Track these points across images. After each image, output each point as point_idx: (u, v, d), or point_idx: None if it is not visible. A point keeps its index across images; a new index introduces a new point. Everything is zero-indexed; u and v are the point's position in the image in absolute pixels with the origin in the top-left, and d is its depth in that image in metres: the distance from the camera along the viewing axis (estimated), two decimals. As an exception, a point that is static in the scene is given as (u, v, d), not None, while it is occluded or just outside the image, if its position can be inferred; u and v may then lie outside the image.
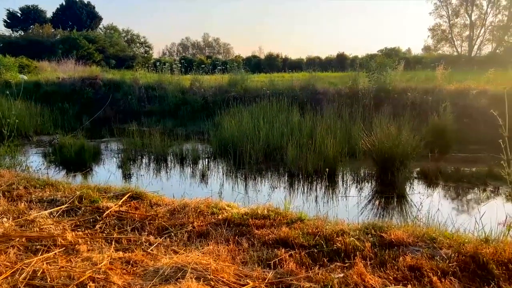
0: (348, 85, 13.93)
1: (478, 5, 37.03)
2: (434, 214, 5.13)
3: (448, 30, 38.17)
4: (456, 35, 38.19)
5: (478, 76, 13.72)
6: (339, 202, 6.79)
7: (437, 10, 38.50)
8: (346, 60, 33.00)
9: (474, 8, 36.95)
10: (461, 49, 37.83)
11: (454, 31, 38.13)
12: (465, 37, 37.70)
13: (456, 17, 37.84)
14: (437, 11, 38.57)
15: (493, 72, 12.96)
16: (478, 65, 22.65)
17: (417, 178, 8.00)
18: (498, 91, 11.65)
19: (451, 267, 2.61)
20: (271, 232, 3.21)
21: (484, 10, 36.81)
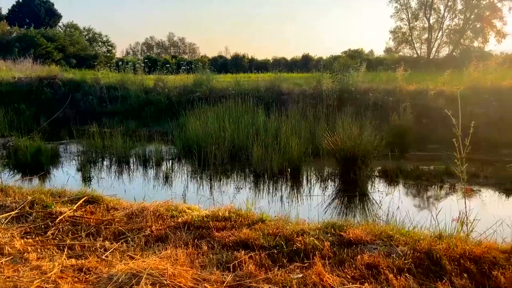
0: (313, 86, 14.10)
1: (436, 9, 38.48)
2: (394, 212, 5.28)
3: (408, 32, 39.43)
4: (415, 38, 39.51)
5: (436, 77, 14.23)
6: (303, 201, 6.84)
7: (397, 13, 39.70)
8: (311, 61, 33.43)
9: (432, 12, 38.37)
10: (420, 51, 39.18)
11: (414, 33, 39.44)
12: (424, 40, 39.08)
13: (415, 20, 39.15)
14: (397, 14, 39.78)
15: (449, 73, 13.48)
16: (436, 67, 23.54)
17: (378, 177, 8.19)
18: (454, 92, 12.14)
19: (406, 264, 2.67)
20: (231, 234, 3.18)
21: (442, 14, 38.32)
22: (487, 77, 12.95)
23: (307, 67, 27.01)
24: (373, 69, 20.31)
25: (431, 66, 26.05)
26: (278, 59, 37.52)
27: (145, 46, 70.87)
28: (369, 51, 41.15)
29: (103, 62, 29.35)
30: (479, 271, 2.54)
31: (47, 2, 47.42)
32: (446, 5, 37.72)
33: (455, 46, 37.79)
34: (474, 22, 37.39)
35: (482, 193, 6.99)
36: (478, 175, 7.65)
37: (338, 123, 9.07)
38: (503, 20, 36.96)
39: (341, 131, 8.31)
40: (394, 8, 39.82)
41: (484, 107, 11.34)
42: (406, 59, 29.08)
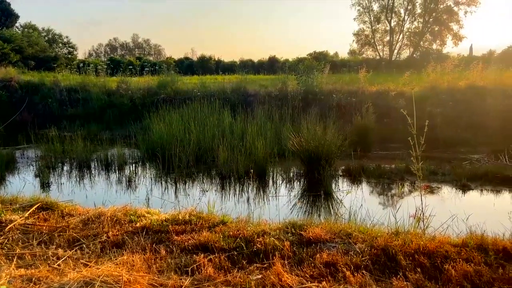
0: (278, 88, 14.21)
1: (396, 12, 39.81)
2: (356, 210, 5.36)
3: (371, 35, 40.56)
4: (378, 40, 40.71)
5: (397, 78, 14.68)
6: (269, 202, 6.86)
7: (360, 16, 40.78)
8: (278, 63, 33.69)
9: (393, 15, 39.66)
10: (383, 53, 40.40)
11: (376, 36, 40.62)
12: (386, 42, 40.32)
13: (377, 23, 40.33)
14: (360, 17, 40.85)
15: (409, 75, 13.94)
16: (397, 68, 24.28)
17: (342, 176, 8.34)
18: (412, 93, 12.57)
19: (364, 260, 2.71)
20: (191, 238, 3.12)
21: (402, 17, 39.67)
22: (444, 78, 13.48)
23: (273, 69, 27.21)
24: (337, 71, 20.70)
25: (392, 67, 26.86)
26: (245, 61, 37.59)
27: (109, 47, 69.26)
28: (334, 53, 41.96)
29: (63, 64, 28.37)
30: (432, 265, 2.61)
31: (3, 2, 45.33)
32: (406, 9, 39.09)
33: (415, 48, 39.19)
34: (432, 25, 38.94)
35: (439, 189, 7.25)
36: (437, 172, 7.92)
37: (303, 124, 9.16)
38: (459, 24, 38.71)
39: (305, 131, 8.40)
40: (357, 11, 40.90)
41: (441, 107, 11.80)
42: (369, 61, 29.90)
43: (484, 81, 13.02)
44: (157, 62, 30.02)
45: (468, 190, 7.17)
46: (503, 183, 7.25)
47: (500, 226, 3.94)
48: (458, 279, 2.43)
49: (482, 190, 7.16)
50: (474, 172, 7.76)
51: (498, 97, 11.72)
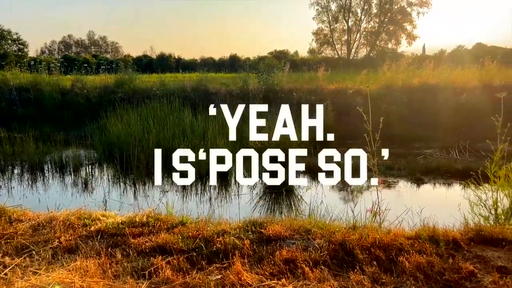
0: (239, 86, 14.19)
1: (353, 12, 40.93)
2: (317, 206, 5.45)
3: (330, 34, 41.45)
4: (336, 39, 41.68)
5: (355, 77, 15.08)
6: (232, 201, 6.84)
7: (319, 15, 41.58)
8: (239, 61, 33.70)
9: (351, 15, 40.75)
10: (341, 52, 41.41)
11: (335, 35, 41.57)
12: (344, 41, 41.36)
13: (335, 23, 41.29)
14: (319, 16, 41.66)
15: (366, 73, 14.36)
16: (355, 67, 24.94)
17: (304, 173, 8.44)
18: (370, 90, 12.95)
19: (322, 256, 2.75)
20: (149, 240, 3.04)
21: (359, 17, 40.83)
22: (399, 76, 13.99)
23: (235, 67, 27.17)
24: (297, 70, 20.96)
25: (350, 66, 27.56)
26: (206, 59, 37.30)
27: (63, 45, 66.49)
28: (294, 52, 42.53)
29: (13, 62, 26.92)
30: (387, 258, 2.69)
31: None
32: (363, 9, 40.25)
33: (371, 47, 40.44)
34: (388, 25, 40.34)
35: (395, 183, 7.51)
36: (392, 167, 8.19)
37: (264, 122, 9.20)
38: (412, 24, 40.36)
39: (266, 129, 8.44)
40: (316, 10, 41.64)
41: (396, 104, 12.23)
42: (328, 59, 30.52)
43: (436, 79, 13.62)
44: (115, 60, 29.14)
45: (422, 183, 7.47)
46: (454, 176, 7.62)
47: (451, 218, 4.13)
48: (411, 270, 2.51)
49: (435, 183, 7.48)
50: (427, 166, 8.11)
51: (448, 95, 12.30)
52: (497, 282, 2.34)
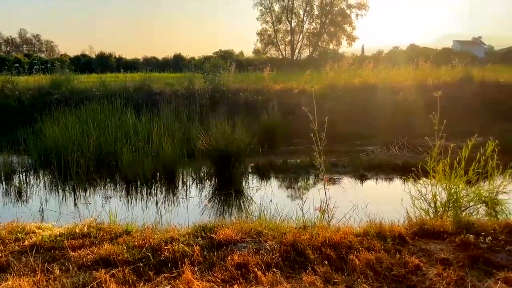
0: (185, 86, 13.93)
1: (296, 13, 41.80)
2: (267, 206, 5.43)
3: (274, 35, 42.04)
4: (280, 40, 42.35)
5: (299, 77, 15.36)
6: (180, 205, 6.66)
7: (263, 16, 42.02)
8: (183, 61, 33.12)
9: (293, 16, 41.59)
10: (285, 52, 42.13)
11: (279, 36, 42.23)
12: (288, 42, 42.12)
13: (279, 23, 41.95)
14: (263, 17, 42.10)
15: (309, 73, 14.70)
16: (299, 67, 25.49)
17: (252, 173, 8.44)
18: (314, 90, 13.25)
19: (274, 258, 2.72)
20: (90, 252, 2.84)
21: (301, 18, 41.79)
22: (341, 76, 14.45)
23: (179, 67, 26.65)
24: (243, 70, 21.00)
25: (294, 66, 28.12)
26: (149, 59, 36.30)
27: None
28: (240, 52, 42.65)
29: None
30: (338, 257, 2.72)
31: None
32: (305, 10, 41.25)
33: (314, 48, 41.56)
34: (329, 26, 41.66)
35: (341, 180, 7.72)
36: (337, 165, 8.43)
37: (211, 123, 9.08)
38: (352, 26, 42.01)
39: (214, 130, 8.34)
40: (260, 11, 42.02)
41: (339, 103, 12.62)
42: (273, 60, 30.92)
43: (375, 79, 14.24)
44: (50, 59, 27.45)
45: (365, 179, 7.75)
46: (395, 172, 7.98)
47: (395, 213, 4.29)
48: (361, 268, 2.55)
49: (377, 179, 7.80)
50: (370, 162, 8.43)
51: (387, 93, 12.90)
52: (441, 274, 2.44)
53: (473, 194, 4.11)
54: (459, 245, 2.80)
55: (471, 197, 4.10)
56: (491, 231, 2.94)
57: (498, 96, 12.95)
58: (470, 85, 13.39)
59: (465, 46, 49.92)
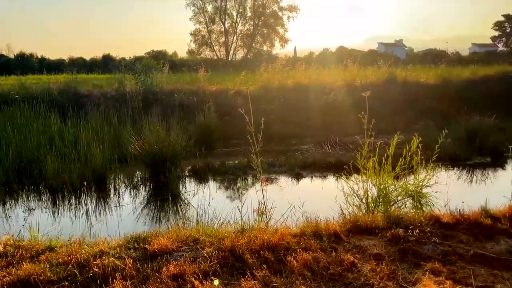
0: (115, 88, 13.31)
1: (229, 14, 41.88)
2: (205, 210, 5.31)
3: (207, 35, 41.75)
4: (214, 41, 42.18)
5: (234, 78, 15.37)
6: (113, 213, 6.31)
7: (196, 16, 41.55)
8: (113, 61, 31.71)
9: (227, 17, 41.63)
10: (219, 53, 42.03)
11: (213, 36, 42.03)
12: (222, 43, 42.08)
13: (213, 24, 41.75)
14: (196, 17, 41.63)
15: (244, 74, 14.76)
16: (234, 68, 25.53)
17: (188, 176, 8.25)
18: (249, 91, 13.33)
19: (212, 266, 2.63)
20: (7, 274, 2.55)
21: (235, 19, 41.95)
22: (275, 78, 14.68)
23: (108, 68, 25.45)
24: (177, 71, 20.59)
25: (229, 67, 28.13)
26: (75, 59, 34.29)
27: None
28: (173, 53, 41.75)
29: None
30: (276, 259, 2.70)
31: None
32: (238, 11, 41.47)
33: (248, 49, 41.94)
34: (262, 28, 42.26)
35: (278, 180, 7.82)
36: (274, 164, 8.52)
37: (145, 126, 8.76)
38: (284, 28, 42.99)
39: (148, 134, 8.04)
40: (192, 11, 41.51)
41: (274, 103, 12.81)
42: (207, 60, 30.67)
43: (308, 79, 14.66)
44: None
45: (301, 178, 7.92)
46: (328, 169, 8.24)
47: (330, 210, 4.40)
48: (299, 269, 2.56)
49: (313, 177, 8.01)
50: (305, 161, 8.64)
51: (319, 94, 13.33)
52: (375, 269, 2.52)
53: (401, 189, 4.34)
54: (390, 239, 2.92)
55: (399, 191, 4.33)
56: (418, 224, 3.11)
57: (419, 94, 13.96)
58: (394, 85, 14.28)
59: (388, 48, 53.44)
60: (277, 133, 11.44)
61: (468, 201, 4.28)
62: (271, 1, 41.41)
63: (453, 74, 16.10)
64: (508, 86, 14.61)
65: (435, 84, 14.79)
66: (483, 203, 3.78)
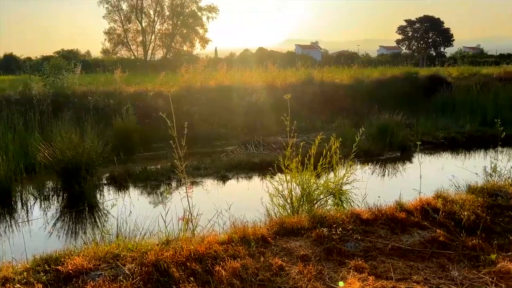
0: (19, 91, 12.10)
1: (146, 13, 40.50)
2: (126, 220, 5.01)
3: (123, 34, 39.94)
4: (131, 40, 40.48)
5: (154, 79, 14.85)
6: (19, 230, 5.69)
7: (110, 14, 39.53)
8: (17, 61, 28.89)
9: (144, 16, 40.21)
10: (137, 53, 40.46)
11: (129, 36, 40.31)
12: (140, 42, 40.55)
13: (129, 23, 40.04)
14: (110, 15, 39.60)
15: (164, 75, 14.33)
16: (153, 69, 24.73)
17: (107, 184, 7.77)
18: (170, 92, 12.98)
19: (134, 284, 2.45)
20: None
21: (152, 18, 40.68)
22: (197, 78, 14.46)
23: (11, 68, 23.11)
24: (91, 71, 19.39)
25: (148, 68, 27.20)
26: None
27: None
28: (86, 52, 39.28)
29: None
30: (204, 270, 2.60)
31: None
32: (155, 10, 40.29)
33: (167, 49, 40.95)
34: (181, 28, 41.52)
35: (204, 183, 7.68)
36: (200, 167, 8.36)
37: (55, 132, 8.06)
38: (204, 28, 42.70)
39: (59, 140, 7.39)
40: (106, 9, 39.45)
41: (197, 105, 12.63)
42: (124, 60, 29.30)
43: (230, 80, 14.68)
44: None
45: (227, 180, 7.87)
46: (253, 170, 8.31)
47: (256, 212, 4.40)
48: (228, 278, 2.48)
49: (238, 178, 8.01)
50: (230, 163, 8.61)
51: (242, 95, 13.42)
52: (302, 271, 2.53)
53: (322, 187, 4.48)
54: (316, 239, 2.98)
55: (321, 190, 4.46)
56: (340, 222, 3.21)
57: (335, 94, 14.71)
58: (312, 86, 14.88)
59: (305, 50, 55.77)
60: (201, 134, 11.27)
61: (384, 195, 4.56)
62: (190, 1, 40.87)
63: (364, 74, 17.21)
64: (411, 85, 16.00)
65: (349, 84, 15.69)
66: (397, 197, 4.05)
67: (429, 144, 10.64)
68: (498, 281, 2.55)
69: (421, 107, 14.39)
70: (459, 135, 11.18)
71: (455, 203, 3.74)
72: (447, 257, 2.89)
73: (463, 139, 11.05)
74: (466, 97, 14.25)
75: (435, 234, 3.14)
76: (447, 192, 4.33)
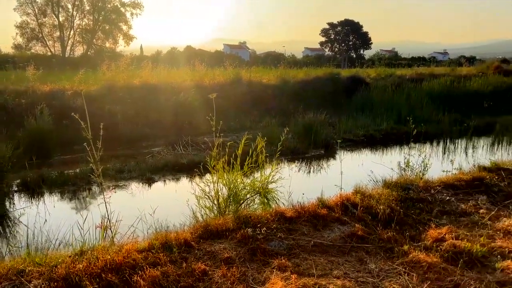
0: None
1: (64, 7, 37.81)
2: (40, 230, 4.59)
3: (38, 29, 36.91)
4: (47, 35, 37.52)
5: (72, 76, 13.89)
6: None
7: (22, 6, 36.29)
8: None
9: (61, 10, 37.50)
10: (54, 49, 37.62)
11: (44, 30, 37.34)
12: (57, 38, 37.76)
13: (44, 17, 37.08)
14: (22, 7, 36.36)
15: (84, 72, 13.48)
16: (72, 66, 23.16)
17: (18, 191, 7.09)
18: (90, 91, 12.21)
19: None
20: None
21: (71, 13, 38.10)
22: (120, 76, 13.78)
23: None
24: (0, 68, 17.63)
25: (66, 65, 25.42)
26: None
27: None
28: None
29: None
30: (121, 281, 2.43)
31: None
32: (74, 4, 37.80)
33: (88, 45, 38.65)
34: (103, 23, 39.39)
35: (128, 187, 7.32)
36: (123, 170, 7.95)
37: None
38: (128, 24, 40.91)
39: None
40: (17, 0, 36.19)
41: (120, 104, 12.03)
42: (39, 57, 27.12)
43: (156, 79, 14.20)
44: None
45: (152, 182, 7.58)
46: (181, 171, 8.10)
47: (182, 216, 4.27)
48: (148, 287, 2.35)
49: (165, 180, 7.75)
50: (156, 164, 8.29)
51: (168, 94, 13.04)
52: (226, 274, 2.48)
53: (249, 186, 4.47)
54: (240, 240, 2.94)
55: (248, 189, 4.45)
56: (265, 222, 3.22)
57: (262, 94, 14.91)
58: (240, 85, 14.93)
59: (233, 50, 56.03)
60: (126, 135, 10.76)
61: (308, 192, 4.67)
62: (112, -4, 38.95)
63: (290, 75, 17.66)
64: (334, 85, 16.75)
65: (275, 84, 15.99)
66: (319, 194, 4.17)
67: (350, 142, 11.19)
68: (410, 271, 2.71)
69: (343, 106, 15.11)
70: (377, 133, 11.91)
71: (372, 198, 3.93)
72: (365, 251, 3.02)
73: (381, 136, 11.78)
74: (383, 97, 15.24)
75: (354, 228, 3.28)
76: (366, 187, 4.55)
